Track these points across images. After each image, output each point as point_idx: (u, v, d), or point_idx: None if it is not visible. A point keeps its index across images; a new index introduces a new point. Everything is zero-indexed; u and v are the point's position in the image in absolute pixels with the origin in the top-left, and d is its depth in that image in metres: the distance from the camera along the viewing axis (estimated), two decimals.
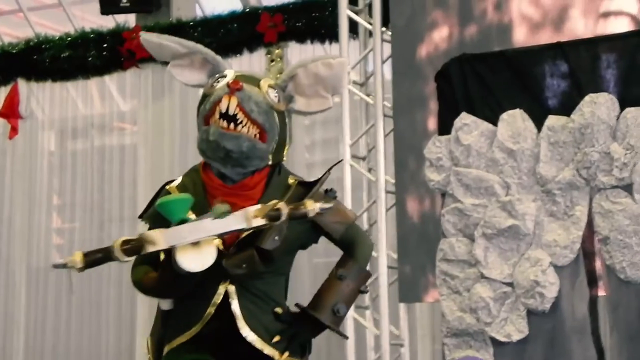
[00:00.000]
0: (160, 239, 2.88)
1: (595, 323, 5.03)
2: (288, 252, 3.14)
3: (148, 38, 3.28)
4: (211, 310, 3.04)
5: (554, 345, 5.07)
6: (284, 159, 3.19)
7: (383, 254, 6.36)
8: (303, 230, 3.13)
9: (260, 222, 2.93)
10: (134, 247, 2.90)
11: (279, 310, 3.10)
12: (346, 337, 3.48)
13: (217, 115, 3.02)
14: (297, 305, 3.12)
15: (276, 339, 3.04)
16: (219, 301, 3.04)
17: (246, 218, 2.92)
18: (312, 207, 2.97)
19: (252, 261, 2.99)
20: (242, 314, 3.03)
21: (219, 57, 3.24)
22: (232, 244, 3.02)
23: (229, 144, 3.01)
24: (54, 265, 2.98)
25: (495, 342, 5.18)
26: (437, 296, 5.93)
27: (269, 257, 3.01)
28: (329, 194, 3.15)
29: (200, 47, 3.22)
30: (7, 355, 8.77)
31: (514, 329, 5.13)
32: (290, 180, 3.17)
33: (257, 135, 3.05)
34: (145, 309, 8.07)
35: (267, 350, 3.03)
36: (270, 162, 3.12)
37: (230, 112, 3.01)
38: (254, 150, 3.04)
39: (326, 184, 3.18)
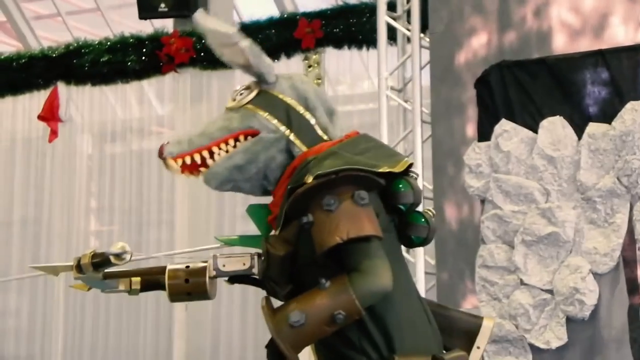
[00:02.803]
0: None
1: (637, 332, 5.01)
2: (310, 268, 2.62)
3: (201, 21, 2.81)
4: None
5: (593, 352, 5.07)
6: (313, 120, 2.73)
7: (421, 260, 6.36)
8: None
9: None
10: None
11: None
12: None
13: (187, 174, 2.77)
14: (262, 300, 2.67)
15: None
16: None
17: None
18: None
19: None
20: None
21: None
22: None
23: (213, 182, 2.75)
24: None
25: (534, 349, 5.19)
26: (475, 302, 5.93)
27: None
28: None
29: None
30: (45, 357, 8.86)
31: (553, 336, 5.13)
32: (309, 179, 2.60)
33: (236, 145, 2.72)
34: (182, 311, 8.13)
35: None
36: (295, 145, 2.70)
37: (178, 169, 2.75)
38: (249, 152, 2.71)
39: None
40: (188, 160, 2.72)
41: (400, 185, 2.67)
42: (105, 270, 2.87)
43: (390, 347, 2.59)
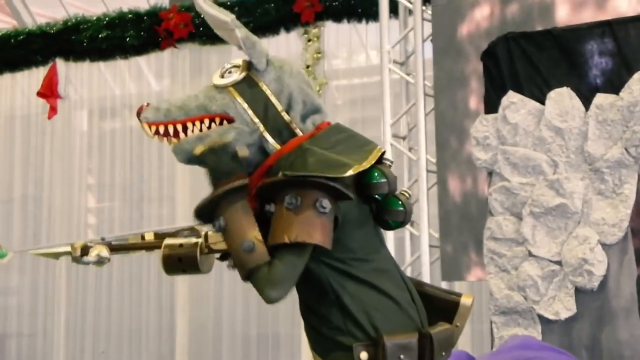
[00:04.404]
0: None
1: None
2: None
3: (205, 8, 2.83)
4: None
5: (602, 323, 5.09)
6: (288, 118, 2.72)
7: (425, 233, 6.37)
8: None
9: None
10: None
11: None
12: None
13: (161, 140, 2.82)
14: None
15: None
16: None
17: None
18: None
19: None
20: None
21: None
22: None
23: (179, 156, 2.79)
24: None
25: (543, 320, 5.20)
26: (479, 275, 5.96)
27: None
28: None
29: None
30: (48, 334, 8.86)
31: (562, 307, 5.14)
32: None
33: (211, 125, 2.75)
34: (185, 287, 8.13)
35: None
36: (269, 142, 2.73)
37: (151, 134, 2.80)
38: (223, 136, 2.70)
39: None
40: (162, 129, 2.77)
41: (376, 175, 2.71)
42: (110, 255, 3.06)
43: (374, 327, 2.64)
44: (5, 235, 9.07)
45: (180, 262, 2.94)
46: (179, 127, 2.75)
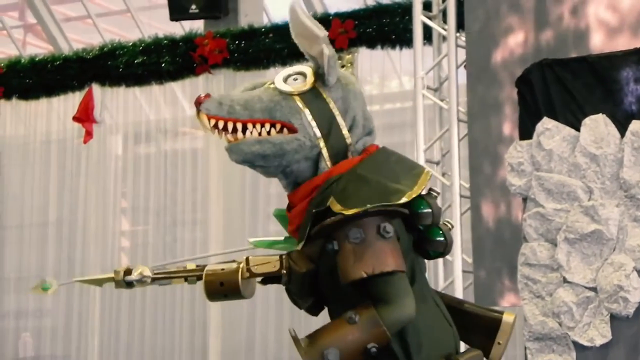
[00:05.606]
0: None
1: None
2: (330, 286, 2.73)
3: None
4: None
5: (637, 350, 5.07)
6: (349, 140, 2.75)
7: (458, 258, 6.38)
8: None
9: None
10: None
11: None
12: None
13: (216, 134, 2.78)
14: (290, 331, 2.75)
15: None
16: None
17: None
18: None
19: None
20: None
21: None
22: None
23: (235, 156, 2.77)
24: None
25: (578, 347, 5.19)
26: (513, 300, 5.95)
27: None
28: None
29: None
30: (81, 356, 8.91)
31: (597, 334, 5.13)
32: (335, 206, 2.63)
33: (271, 131, 2.74)
34: (218, 311, 8.16)
35: None
36: (324, 159, 2.75)
37: (209, 127, 2.75)
38: (279, 147, 2.73)
39: None
40: (221, 124, 2.74)
41: (421, 207, 2.74)
42: (153, 275, 3.10)
43: (407, 355, 2.67)
44: (40, 258, 9.16)
45: (222, 286, 2.94)
46: (239, 126, 2.73)
